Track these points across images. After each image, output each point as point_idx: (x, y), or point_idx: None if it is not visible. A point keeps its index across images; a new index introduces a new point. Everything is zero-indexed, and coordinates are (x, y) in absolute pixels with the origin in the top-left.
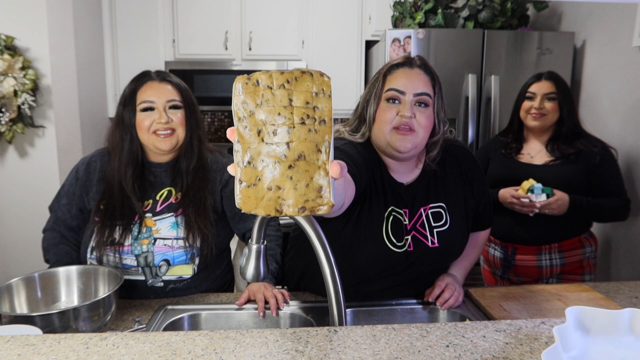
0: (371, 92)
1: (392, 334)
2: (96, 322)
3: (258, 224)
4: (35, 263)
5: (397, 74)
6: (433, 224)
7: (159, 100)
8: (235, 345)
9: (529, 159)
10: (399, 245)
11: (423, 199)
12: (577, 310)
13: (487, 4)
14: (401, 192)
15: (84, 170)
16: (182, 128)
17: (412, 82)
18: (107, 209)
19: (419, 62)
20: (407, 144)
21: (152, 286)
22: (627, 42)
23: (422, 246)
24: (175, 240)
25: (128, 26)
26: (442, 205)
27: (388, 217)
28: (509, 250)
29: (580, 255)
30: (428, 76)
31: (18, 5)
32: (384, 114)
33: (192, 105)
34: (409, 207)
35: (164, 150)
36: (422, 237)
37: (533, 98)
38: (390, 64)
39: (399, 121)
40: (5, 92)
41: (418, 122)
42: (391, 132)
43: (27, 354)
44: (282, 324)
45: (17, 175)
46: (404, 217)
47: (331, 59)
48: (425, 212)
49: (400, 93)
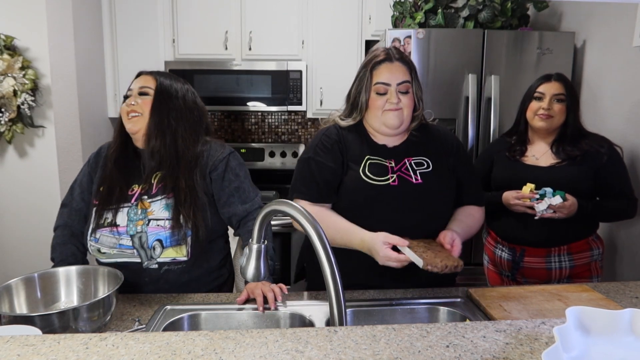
0: (361, 85)
1: (392, 334)
2: (96, 323)
3: (258, 224)
4: (35, 263)
5: (381, 69)
6: (416, 168)
7: (134, 88)
8: (235, 346)
9: (534, 161)
10: (380, 179)
11: (407, 154)
12: (578, 311)
13: (487, 4)
14: (385, 150)
15: (94, 158)
16: (147, 114)
17: (394, 75)
18: (104, 192)
19: (397, 56)
20: (396, 120)
21: (147, 268)
22: (627, 42)
23: (406, 182)
24: (167, 221)
25: (128, 26)
26: (424, 159)
27: (365, 163)
28: (517, 252)
29: (588, 257)
30: (405, 66)
31: (18, 5)
32: (376, 103)
33: (167, 95)
34: (394, 157)
35: (130, 132)
36: (407, 176)
37: (542, 99)
38: (374, 61)
39: (388, 107)
40: (5, 92)
41: (403, 104)
42: (383, 115)
43: (26, 354)
44: (282, 324)
45: (17, 175)
46: (387, 163)
47: (331, 59)
48: (409, 161)
49: (386, 85)
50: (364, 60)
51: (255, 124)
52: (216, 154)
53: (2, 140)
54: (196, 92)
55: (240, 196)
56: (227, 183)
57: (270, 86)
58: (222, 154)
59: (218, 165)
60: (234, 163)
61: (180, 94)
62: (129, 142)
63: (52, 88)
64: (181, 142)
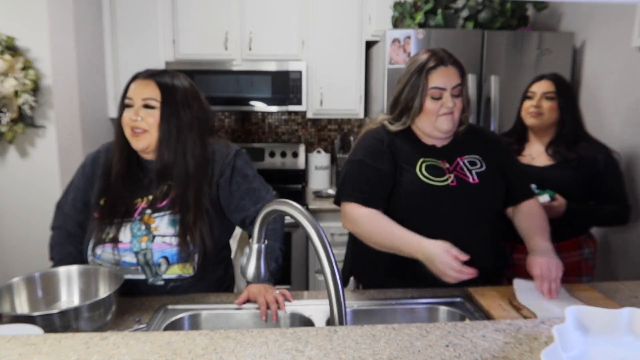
0: (414, 90)
1: (392, 333)
2: (97, 322)
3: (259, 223)
4: (35, 263)
5: (437, 73)
6: (471, 168)
7: (136, 97)
8: (235, 345)
9: (529, 160)
10: (438, 180)
11: (458, 152)
12: (577, 310)
13: (487, 4)
14: (436, 151)
15: (90, 165)
16: (155, 130)
17: (449, 79)
18: (106, 206)
19: (451, 60)
20: (450, 124)
21: (152, 285)
22: (627, 43)
23: (464, 182)
24: (173, 238)
25: (128, 26)
26: (477, 157)
27: (421, 165)
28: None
29: (578, 256)
30: (458, 69)
31: (19, 6)
32: (432, 107)
33: (173, 105)
34: (446, 158)
35: (138, 149)
36: (463, 175)
37: (532, 97)
38: (428, 66)
39: (443, 111)
40: (6, 92)
41: (456, 108)
42: (438, 119)
43: (27, 354)
44: (282, 324)
45: (18, 175)
46: (442, 164)
47: (331, 59)
48: (462, 160)
49: (442, 90)
50: (414, 66)
51: (255, 124)
52: (221, 159)
53: (3, 140)
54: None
55: (251, 198)
56: (235, 187)
57: (271, 86)
58: (228, 157)
59: (225, 171)
60: (240, 163)
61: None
62: (132, 154)
63: (53, 88)
64: (190, 156)
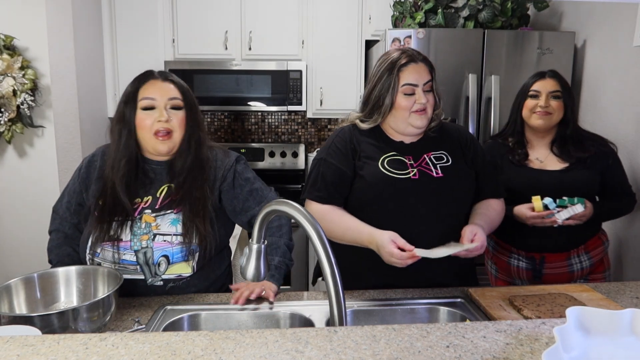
0: (385, 88)
1: (392, 334)
2: (95, 323)
3: (258, 223)
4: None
5: (408, 70)
6: (436, 162)
7: (160, 98)
8: (235, 346)
9: (539, 165)
10: (400, 173)
11: (426, 149)
12: (578, 311)
13: (487, 4)
14: (402, 147)
15: (85, 168)
16: (181, 130)
17: (421, 75)
18: (105, 205)
19: (420, 57)
20: (424, 121)
21: (151, 285)
22: (628, 42)
23: (427, 176)
24: (174, 237)
25: (128, 26)
26: (444, 153)
27: (383, 160)
28: (536, 260)
29: (602, 252)
30: (427, 66)
31: (17, 5)
32: (405, 104)
33: (193, 106)
34: (412, 154)
35: (162, 153)
36: (427, 170)
37: (538, 96)
38: (399, 63)
39: (416, 107)
40: (5, 92)
41: (429, 103)
42: (410, 116)
43: (26, 355)
44: (282, 324)
45: (17, 175)
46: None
47: (331, 59)
48: (428, 156)
49: (414, 86)
50: (384, 64)
51: (255, 124)
52: (223, 165)
53: (2, 140)
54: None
55: (255, 198)
56: (239, 190)
57: (270, 86)
58: (229, 163)
59: (227, 176)
60: (241, 167)
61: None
62: (138, 155)
63: (51, 88)
64: (200, 155)
